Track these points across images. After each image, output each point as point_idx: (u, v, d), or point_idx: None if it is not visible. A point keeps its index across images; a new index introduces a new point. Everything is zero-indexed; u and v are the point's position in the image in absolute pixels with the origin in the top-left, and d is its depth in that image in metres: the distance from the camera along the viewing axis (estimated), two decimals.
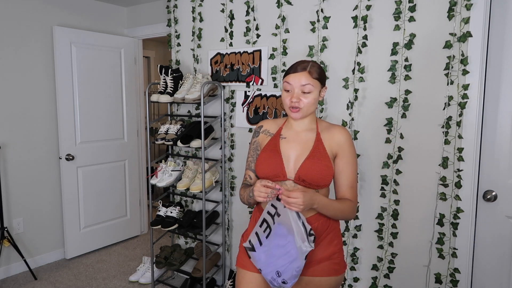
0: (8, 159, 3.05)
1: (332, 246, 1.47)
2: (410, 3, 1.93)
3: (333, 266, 1.45)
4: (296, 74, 1.41)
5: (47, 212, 3.31)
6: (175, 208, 2.74)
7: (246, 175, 1.61)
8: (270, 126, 1.57)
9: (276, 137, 1.52)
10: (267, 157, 1.48)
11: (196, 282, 2.73)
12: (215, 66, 2.73)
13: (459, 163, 1.87)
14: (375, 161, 2.11)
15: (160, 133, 2.71)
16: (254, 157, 1.57)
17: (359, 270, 2.23)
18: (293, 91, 1.42)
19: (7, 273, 3.08)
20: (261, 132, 1.58)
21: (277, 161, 1.45)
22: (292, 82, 1.42)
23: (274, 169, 1.44)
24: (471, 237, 1.89)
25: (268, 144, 1.51)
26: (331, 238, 1.48)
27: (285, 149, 1.47)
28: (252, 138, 1.61)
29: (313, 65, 1.44)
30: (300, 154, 1.44)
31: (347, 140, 1.47)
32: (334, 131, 1.48)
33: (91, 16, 3.53)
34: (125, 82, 3.71)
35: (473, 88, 1.80)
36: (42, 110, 3.23)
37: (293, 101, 1.41)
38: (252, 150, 1.59)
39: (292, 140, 1.48)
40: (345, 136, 1.47)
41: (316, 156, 1.42)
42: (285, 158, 1.45)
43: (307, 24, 2.28)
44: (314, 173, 1.40)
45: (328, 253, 1.45)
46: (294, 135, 1.49)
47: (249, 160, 1.59)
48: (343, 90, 2.18)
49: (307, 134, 1.48)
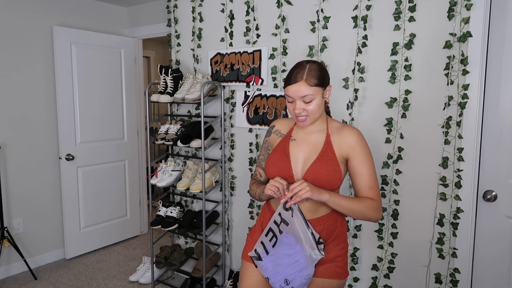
0: (8, 159, 3.05)
1: (337, 249, 1.46)
2: (410, 3, 1.93)
3: (336, 269, 1.45)
4: (293, 86, 1.37)
5: (47, 212, 3.31)
6: (175, 208, 2.74)
7: (256, 171, 1.64)
8: (281, 126, 1.58)
9: (286, 138, 1.52)
10: (276, 158, 1.48)
11: (196, 282, 2.73)
12: (215, 66, 2.73)
13: (459, 163, 1.87)
14: (375, 161, 2.11)
15: (160, 133, 2.71)
16: (266, 155, 1.60)
17: (359, 270, 2.23)
18: (295, 102, 1.40)
19: (7, 273, 3.08)
20: (273, 132, 1.59)
21: (285, 163, 1.45)
22: (292, 94, 1.39)
23: (282, 172, 1.44)
24: (471, 237, 1.89)
25: (278, 145, 1.52)
26: (337, 241, 1.47)
27: (294, 151, 1.47)
28: (265, 137, 1.63)
29: (310, 69, 1.38)
30: (309, 157, 1.43)
31: (358, 140, 1.42)
32: (344, 133, 1.44)
33: (91, 16, 3.53)
34: (125, 82, 3.71)
35: (473, 88, 1.80)
36: (42, 110, 3.23)
37: (297, 112, 1.40)
38: (264, 149, 1.62)
39: (301, 142, 1.48)
40: (355, 137, 1.42)
41: (324, 160, 1.40)
42: (293, 160, 1.45)
43: (307, 24, 2.28)
44: (321, 176, 1.38)
45: (332, 255, 1.45)
46: (304, 136, 1.49)
47: (260, 158, 1.63)
48: (343, 90, 2.18)
49: (317, 135, 1.47)
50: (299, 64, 1.43)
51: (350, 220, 2.22)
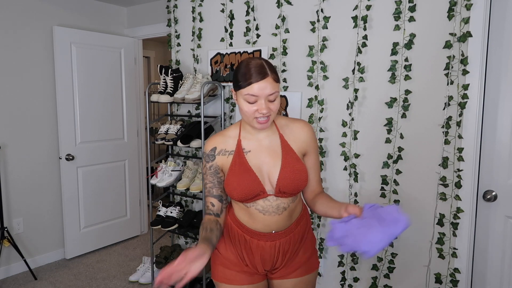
0: (8, 159, 3.05)
1: (311, 246, 1.50)
2: (410, 3, 1.93)
3: (313, 262, 1.49)
4: (260, 83, 1.20)
5: (47, 212, 3.31)
6: (175, 208, 2.74)
7: (207, 203, 1.40)
8: (224, 145, 1.37)
9: (238, 153, 1.34)
10: (239, 178, 1.31)
11: (196, 282, 2.73)
12: (215, 66, 2.73)
13: (459, 163, 1.87)
14: (375, 161, 2.11)
15: (160, 133, 2.71)
16: (215, 182, 1.38)
17: (359, 270, 2.23)
18: (259, 102, 1.23)
19: (7, 273, 3.08)
20: (217, 154, 1.37)
21: (251, 179, 1.30)
22: (258, 92, 1.21)
23: (251, 189, 1.30)
24: (471, 237, 1.89)
25: (234, 164, 1.33)
26: (310, 237, 1.50)
27: (254, 164, 1.32)
28: (206, 163, 1.38)
29: (269, 65, 1.25)
30: (272, 165, 1.32)
31: (311, 135, 1.39)
32: (295, 129, 1.37)
33: (91, 16, 3.53)
34: (125, 82, 3.71)
35: (473, 88, 1.80)
36: (42, 110, 3.23)
37: (264, 113, 1.23)
38: (210, 176, 1.38)
39: (258, 151, 1.34)
40: (309, 132, 1.38)
41: (289, 163, 1.32)
42: (258, 173, 1.31)
43: (307, 24, 2.28)
44: (293, 181, 1.31)
45: (309, 253, 1.47)
46: (257, 145, 1.35)
47: (209, 186, 1.39)
48: (343, 90, 2.18)
49: (270, 139, 1.35)
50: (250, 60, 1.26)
51: None
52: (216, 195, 1.39)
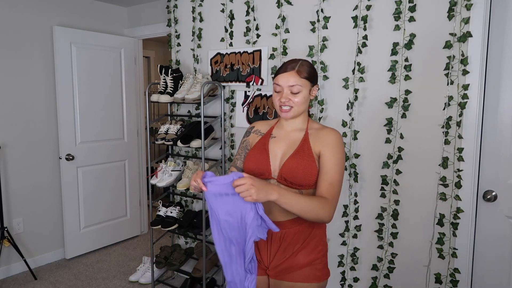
0: (8, 159, 3.05)
1: (315, 252, 1.44)
2: (410, 3, 1.93)
3: (315, 272, 1.42)
4: (284, 74, 1.40)
5: (47, 212, 3.31)
6: (175, 208, 2.74)
7: (229, 171, 1.57)
8: (261, 127, 1.59)
9: (266, 136, 1.53)
10: (255, 154, 1.49)
11: (196, 282, 2.73)
12: (215, 66, 2.73)
13: (459, 163, 1.87)
14: (375, 161, 2.11)
15: (160, 133, 2.71)
16: (242, 155, 1.57)
17: (359, 270, 2.23)
18: (283, 92, 1.41)
19: (7, 273, 3.08)
20: (252, 132, 1.59)
21: (263, 158, 1.45)
22: (281, 82, 1.40)
23: (259, 167, 1.44)
24: (471, 237, 1.89)
25: (258, 142, 1.52)
26: (314, 244, 1.44)
27: (273, 147, 1.47)
28: (243, 137, 1.62)
29: (303, 64, 1.42)
30: (286, 152, 1.44)
31: (333, 139, 1.40)
32: (323, 132, 1.44)
33: (91, 16, 3.53)
34: (125, 82, 3.71)
35: (473, 88, 1.80)
36: (42, 110, 3.23)
37: (283, 101, 1.40)
38: (241, 148, 1.60)
39: (281, 139, 1.48)
40: (332, 135, 1.41)
41: (299, 155, 1.40)
42: (272, 156, 1.45)
43: (307, 24, 2.28)
44: (297, 171, 1.37)
45: (310, 259, 1.42)
46: (284, 134, 1.49)
47: (236, 157, 1.60)
48: (343, 90, 2.18)
49: (296, 133, 1.47)
50: (293, 59, 1.46)
51: (350, 220, 2.22)
52: (239, 167, 1.57)
